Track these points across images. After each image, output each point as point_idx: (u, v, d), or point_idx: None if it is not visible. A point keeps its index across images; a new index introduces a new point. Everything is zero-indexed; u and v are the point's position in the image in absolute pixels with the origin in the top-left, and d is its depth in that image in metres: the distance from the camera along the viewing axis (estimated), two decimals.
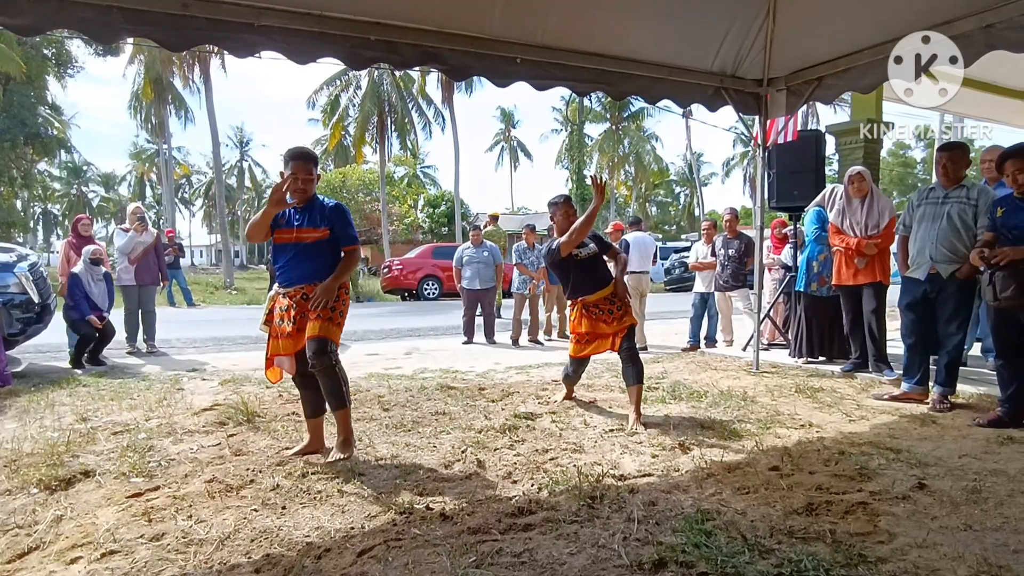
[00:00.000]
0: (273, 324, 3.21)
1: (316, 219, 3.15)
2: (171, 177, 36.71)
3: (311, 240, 3.14)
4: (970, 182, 4.09)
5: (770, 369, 5.61)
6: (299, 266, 3.16)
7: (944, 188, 4.08)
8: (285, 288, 3.19)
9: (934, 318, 4.13)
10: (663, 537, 2.21)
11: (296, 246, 3.15)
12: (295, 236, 3.15)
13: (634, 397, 3.89)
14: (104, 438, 3.59)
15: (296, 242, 3.14)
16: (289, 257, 3.17)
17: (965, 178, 4.09)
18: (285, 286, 3.19)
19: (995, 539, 2.18)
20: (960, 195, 4.00)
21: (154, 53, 24.00)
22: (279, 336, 3.18)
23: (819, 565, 1.97)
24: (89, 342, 6.17)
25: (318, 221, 3.15)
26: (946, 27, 3.76)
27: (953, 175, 4.05)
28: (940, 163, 4.09)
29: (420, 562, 2.07)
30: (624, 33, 4.27)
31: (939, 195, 4.09)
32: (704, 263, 7.26)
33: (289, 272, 3.17)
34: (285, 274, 3.19)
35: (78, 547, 2.24)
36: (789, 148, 6.29)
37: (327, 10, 3.39)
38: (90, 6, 2.88)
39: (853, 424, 3.78)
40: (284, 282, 3.20)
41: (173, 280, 13.46)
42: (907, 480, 2.75)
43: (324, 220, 3.17)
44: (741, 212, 19.03)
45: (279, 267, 3.22)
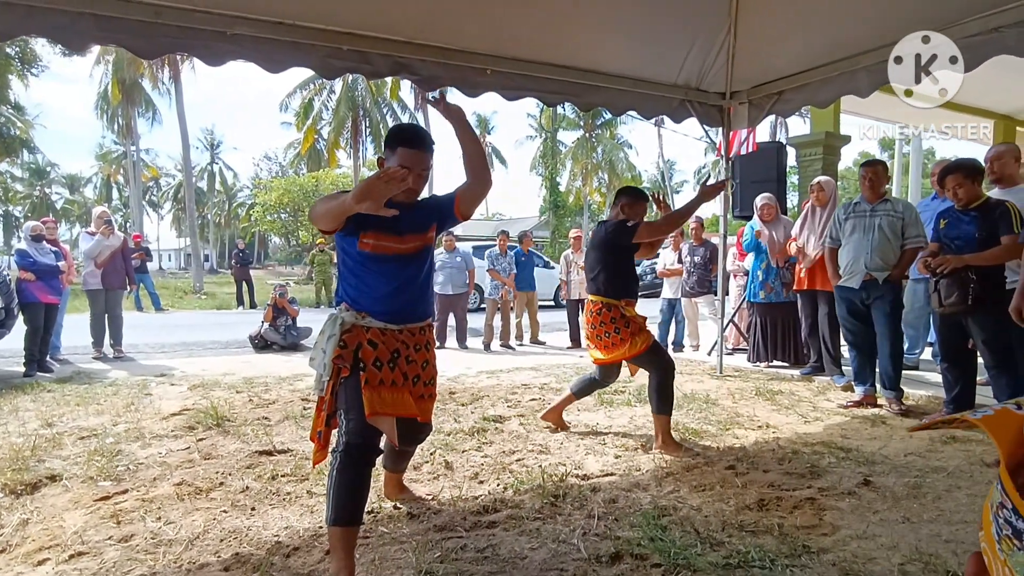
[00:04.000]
0: (370, 367, 2.10)
1: (423, 217, 2.27)
2: (139, 179, 36.08)
3: (422, 248, 2.28)
4: (893, 196, 4.35)
5: (733, 373, 5.78)
6: (416, 291, 2.26)
7: (870, 202, 4.31)
8: (386, 323, 2.18)
9: (871, 322, 4.34)
10: (621, 532, 2.32)
11: (402, 260, 2.21)
12: (407, 245, 2.21)
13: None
14: (70, 443, 3.58)
15: (405, 254, 2.21)
16: (394, 275, 2.20)
17: (887, 192, 4.34)
18: (387, 319, 2.18)
19: (929, 530, 2.33)
20: (887, 208, 4.23)
21: (122, 54, 23.58)
22: (382, 386, 2.11)
23: (765, 556, 2.09)
24: (37, 333, 6.07)
25: (426, 219, 2.28)
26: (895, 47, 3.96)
27: (878, 189, 4.29)
28: (866, 178, 4.33)
29: (387, 559, 2.15)
30: (591, 47, 4.40)
31: (866, 208, 4.31)
32: (671, 269, 7.44)
33: (399, 299, 2.20)
34: (390, 302, 2.19)
35: (45, 549, 2.26)
36: (752, 159, 6.52)
37: (299, 20, 3.44)
38: (61, 12, 2.89)
39: (808, 425, 3.94)
40: (387, 312, 2.18)
41: (141, 284, 13.25)
42: (854, 477, 2.90)
43: (432, 215, 2.31)
44: (711, 219, 19.44)
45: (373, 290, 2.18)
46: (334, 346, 2.10)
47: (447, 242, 8.37)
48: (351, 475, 2.04)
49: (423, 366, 2.29)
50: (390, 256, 2.19)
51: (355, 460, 2.05)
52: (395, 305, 2.21)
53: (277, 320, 7.82)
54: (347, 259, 2.21)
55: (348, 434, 2.05)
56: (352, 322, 2.15)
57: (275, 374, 5.85)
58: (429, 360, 2.34)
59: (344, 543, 2.01)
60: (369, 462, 2.09)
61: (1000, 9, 3.43)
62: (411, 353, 2.25)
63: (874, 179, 4.29)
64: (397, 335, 2.21)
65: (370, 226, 2.12)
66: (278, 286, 8.19)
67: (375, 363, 2.12)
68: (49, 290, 6.22)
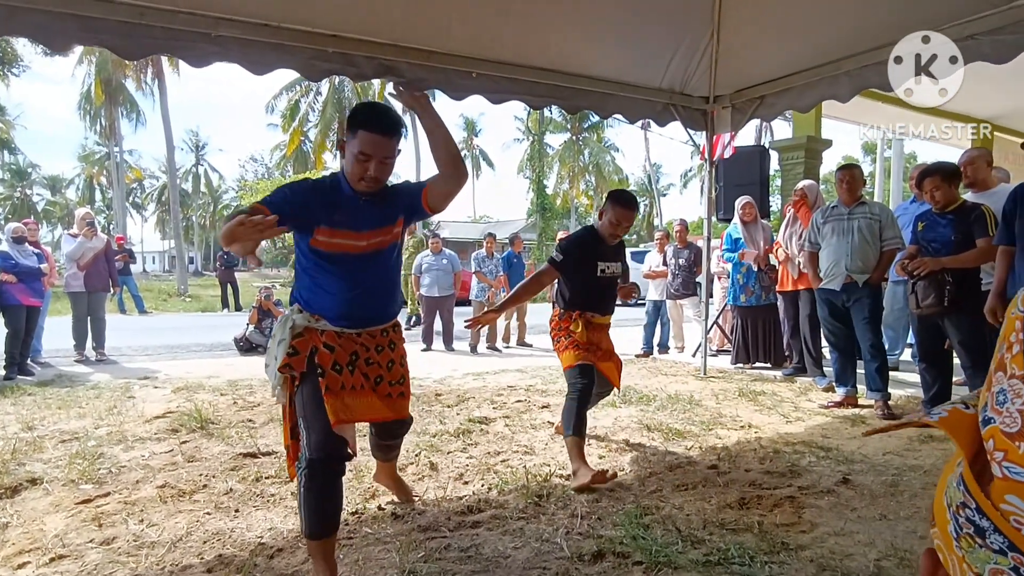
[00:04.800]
0: (329, 373, 1.96)
1: (388, 210, 2.05)
2: (122, 181, 35.70)
3: (386, 245, 2.07)
4: (869, 199, 4.44)
5: (717, 374, 5.84)
6: (377, 293, 2.07)
7: (847, 205, 4.38)
8: (341, 325, 2.02)
9: (852, 324, 4.40)
10: (604, 531, 2.34)
11: (361, 259, 2.02)
12: (366, 243, 2.01)
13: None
14: (51, 446, 3.55)
15: (365, 252, 2.02)
16: (352, 276, 2.01)
17: (863, 195, 4.42)
18: (344, 323, 2.02)
19: (906, 527, 2.38)
20: (864, 211, 4.31)
21: (106, 54, 23.35)
22: (343, 391, 1.97)
23: (745, 553, 2.12)
24: (18, 336, 6.00)
25: (390, 212, 2.06)
26: (874, 52, 4.03)
27: (855, 192, 4.37)
28: (843, 181, 4.40)
29: (370, 559, 2.15)
30: (576, 50, 4.43)
31: (843, 212, 4.38)
32: (656, 272, 7.49)
33: (356, 302, 2.03)
34: (346, 306, 2.01)
35: (26, 552, 2.24)
36: (735, 162, 6.59)
37: (284, 22, 3.44)
38: (44, 13, 2.87)
39: (789, 425, 3.99)
40: (344, 316, 2.02)
41: (124, 287, 13.13)
42: (833, 476, 2.95)
43: (398, 208, 2.08)
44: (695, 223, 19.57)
45: (328, 291, 2.01)
46: (283, 352, 1.95)
47: (433, 244, 8.38)
48: (317, 490, 1.90)
49: (388, 367, 2.12)
50: (346, 255, 1.99)
51: (320, 475, 1.90)
52: (352, 309, 2.02)
53: (262, 322, 7.78)
54: (301, 256, 2.03)
55: (310, 449, 1.89)
56: (304, 325, 1.99)
57: (260, 377, 5.81)
58: (396, 360, 2.15)
59: (322, 551, 1.94)
60: (337, 473, 1.94)
61: (975, 17, 3.50)
62: (372, 355, 2.08)
63: (851, 182, 4.37)
64: (355, 338, 2.05)
65: (323, 220, 1.94)
66: (263, 288, 8.16)
67: (334, 367, 1.96)
68: (31, 292, 6.15)
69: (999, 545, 0.41)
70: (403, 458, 3.29)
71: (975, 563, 0.43)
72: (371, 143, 1.90)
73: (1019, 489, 0.40)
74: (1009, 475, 0.40)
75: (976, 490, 0.43)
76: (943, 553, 0.47)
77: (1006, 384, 0.43)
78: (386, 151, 1.93)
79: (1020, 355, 0.43)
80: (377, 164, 1.92)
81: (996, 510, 0.41)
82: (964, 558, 0.44)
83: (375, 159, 1.91)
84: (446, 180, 2.10)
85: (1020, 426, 0.41)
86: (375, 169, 1.93)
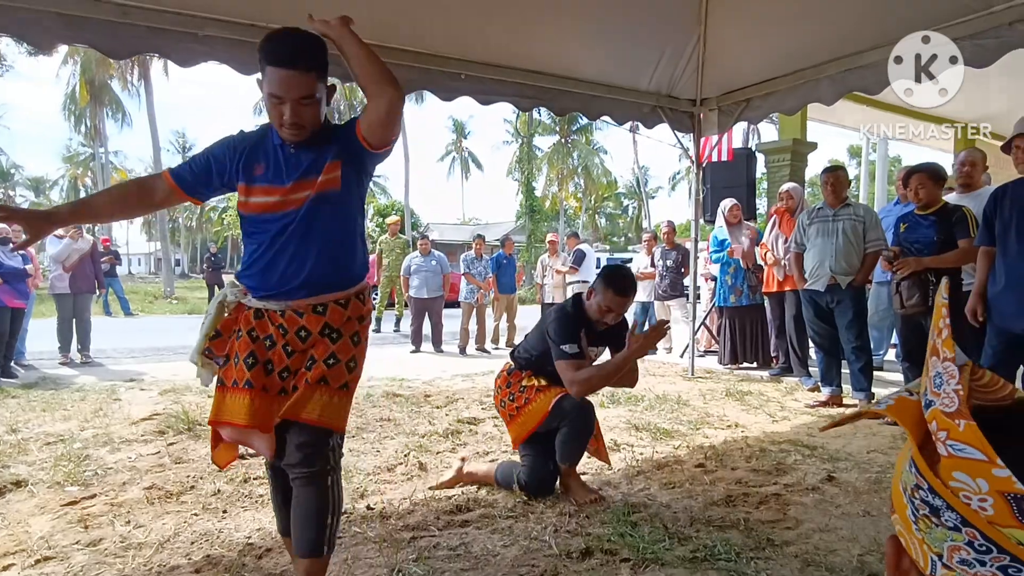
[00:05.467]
0: (230, 362, 1.74)
1: (316, 155, 1.68)
2: (108, 182, 35.28)
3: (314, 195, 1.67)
4: (854, 201, 4.51)
5: (704, 374, 5.88)
6: (297, 256, 1.68)
7: (832, 207, 4.44)
8: (264, 300, 1.72)
9: (836, 325, 4.45)
10: (592, 529, 2.36)
11: (287, 218, 1.67)
12: (284, 197, 1.67)
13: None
14: (36, 448, 3.52)
15: (288, 209, 1.67)
16: (272, 236, 1.68)
17: (848, 197, 4.49)
18: (264, 296, 1.71)
19: (888, 523, 2.38)
20: (849, 212, 4.37)
21: (91, 54, 23.17)
22: (236, 388, 1.71)
23: (731, 549, 2.14)
24: (2, 339, 5.93)
25: (319, 156, 1.68)
26: (856, 57, 4.09)
27: (840, 194, 4.43)
28: (828, 183, 4.46)
29: (359, 558, 2.16)
30: (565, 53, 4.46)
31: (828, 213, 4.44)
32: (644, 273, 7.53)
33: (275, 268, 1.69)
34: (265, 273, 1.70)
35: (10, 555, 2.22)
36: (723, 165, 6.66)
37: (271, 22, 3.43)
38: (28, 11, 2.85)
39: (776, 424, 4.03)
40: (263, 287, 1.71)
41: (109, 288, 13.01)
42: (818, 473, 2.99)
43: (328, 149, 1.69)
44: (683, 225, 19.68)
45: (250, 259, 1.73)
46: (204, 334, 1.74)
47: (422, 246, 8.37)
48: (275, 489, 1.86)
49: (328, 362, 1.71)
50: (264, 214, 1.67)
51: (275, 474, 1.83)
52: (267, 275, 1.69)
53: None
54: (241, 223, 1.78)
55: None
56: (235, 301, 1.75)
57: None
58: (336, 355, 1.72)
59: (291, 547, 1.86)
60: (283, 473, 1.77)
61: (956, 21, 3.56)
62: (292, 340, 1.71)
63: (836, 184, 4.42)
64: (277, 317, 1.70)
65: (244, 177, 1.67)
66: None
67: (235, 357, 1.72)
68: (15, 294, 6.08)
69: (953, 522, 0.42)
70: (392, 459, 3.30)
71: (934, 543, 0.45)
72: (279, 81, 1.58)
73: (964, 465, 0.42)
74: (953, 452, 0.42)
75: (927, 470, 0.45)
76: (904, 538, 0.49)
77: (940, 367, 0.45)
78: (301, 89, 1.59)
79: (949, 339, 0.45)
80: (293, 105, 1.59)
81: (947, 487, 0.43)
82: (924, 540, 0.46)
83: (287, 100, 1.58)
84: (375, 102, 1.66)
85: (958, 405, 0.43)
86: (291, 112, 1.59)
